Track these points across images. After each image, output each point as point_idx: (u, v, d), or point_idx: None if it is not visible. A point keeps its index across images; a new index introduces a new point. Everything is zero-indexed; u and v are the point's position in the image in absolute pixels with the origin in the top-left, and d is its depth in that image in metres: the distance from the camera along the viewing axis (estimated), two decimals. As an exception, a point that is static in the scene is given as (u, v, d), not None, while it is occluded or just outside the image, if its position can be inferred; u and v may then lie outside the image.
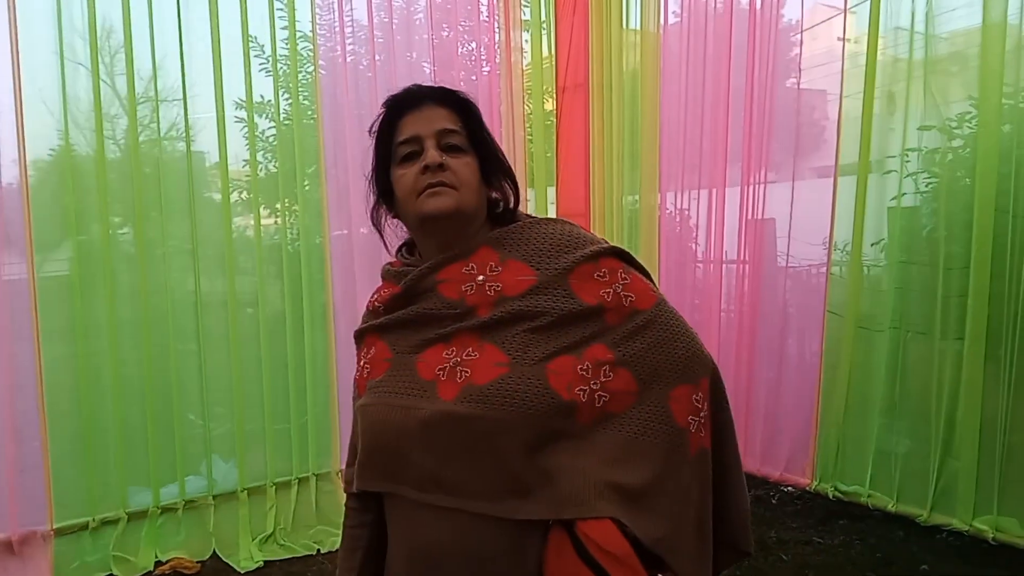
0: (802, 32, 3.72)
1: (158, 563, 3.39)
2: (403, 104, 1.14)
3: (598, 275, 1.11)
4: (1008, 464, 3.04)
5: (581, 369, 1.05)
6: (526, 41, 4.38)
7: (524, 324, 1.07)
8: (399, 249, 1.26)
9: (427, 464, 1.06)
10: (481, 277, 1.10)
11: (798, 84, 3.76)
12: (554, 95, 4.30)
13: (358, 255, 3.85)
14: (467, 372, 1.06)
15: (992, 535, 3.03)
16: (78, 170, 3.39)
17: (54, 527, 3.34)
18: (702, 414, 1.12)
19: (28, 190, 3.29)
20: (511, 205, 1.19)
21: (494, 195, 1.17)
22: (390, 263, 1.24)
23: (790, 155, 3.79)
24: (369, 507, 1.23)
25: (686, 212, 4.22)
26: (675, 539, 1.06)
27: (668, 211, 4.28)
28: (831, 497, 3.57)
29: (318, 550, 3.52)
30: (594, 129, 4.25)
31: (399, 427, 1.08)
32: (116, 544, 3.41)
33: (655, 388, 1.09)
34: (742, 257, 3.97)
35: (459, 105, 1.14)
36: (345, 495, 1.29)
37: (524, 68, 4.41)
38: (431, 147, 1.10)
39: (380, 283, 1.26)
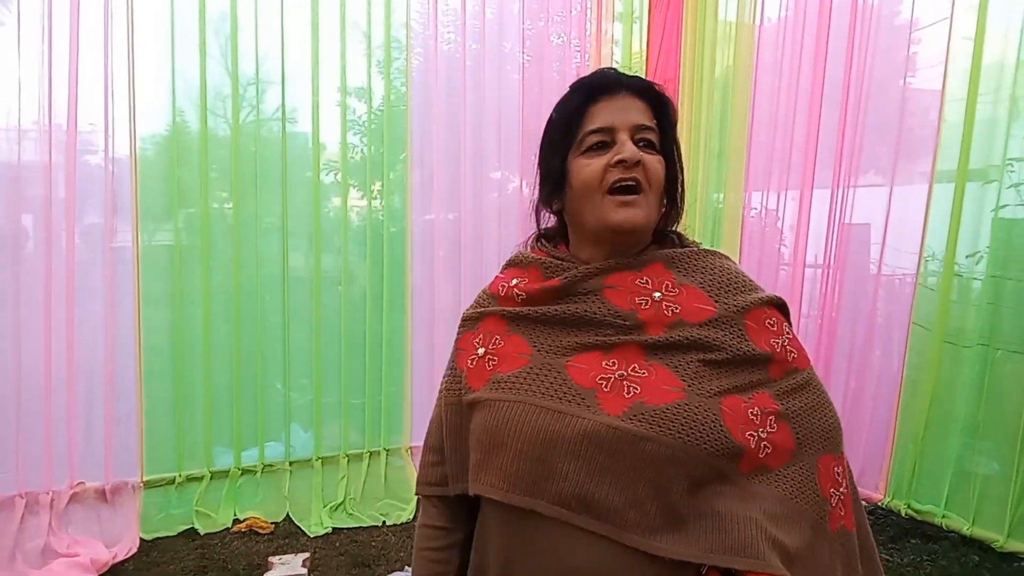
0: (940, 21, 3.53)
1: (236, 521, 3.59)
2: (597, 89, 1.04)
3: (768, 323, 1.06)
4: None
5: (751, 413, 0.98)
6: (616, 40, 4.36)
7: (698, 354, 1.00)
8: (538, 238, 1.17)
9: (576, 480, 0.95)
10: (658, 294, 1.03)
11: (915, 84, 3.61)
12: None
13: (439, 241, 3.95)
14: (636, 389, 0.97)
15: (1075, 568, 2.89)
16: (187, 146, 3.59)
17: (144, 479, 3.58)
18: (842, 490, 1.05)
19: (136, 164, 3.51)
20: (674, 222, 1.12)
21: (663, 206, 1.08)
22: (524, 250, 1.16)
23: (891, 158, 3.65)
24: (459, 525, 1.14)
25: (775, 213, 4.12)
26: None
27: (753, 211, 4.20)
28: (903, 515, 3.46)
29: (383, 522, 3.66)
30: (682, 125, 4.19)
31: (549, 434, 0.97)
32: (199, 500, 3.63)
33: (807, 451, 1.02)
34: (827, 262, 3.86)
35: (657, 101, 1.05)
36: (423, 513, 1.18)
37: (615, 61, 4.39)
38: (626, 140, 1.01)
39: (504, 271, 1.17)
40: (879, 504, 3.62)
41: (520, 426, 0.99)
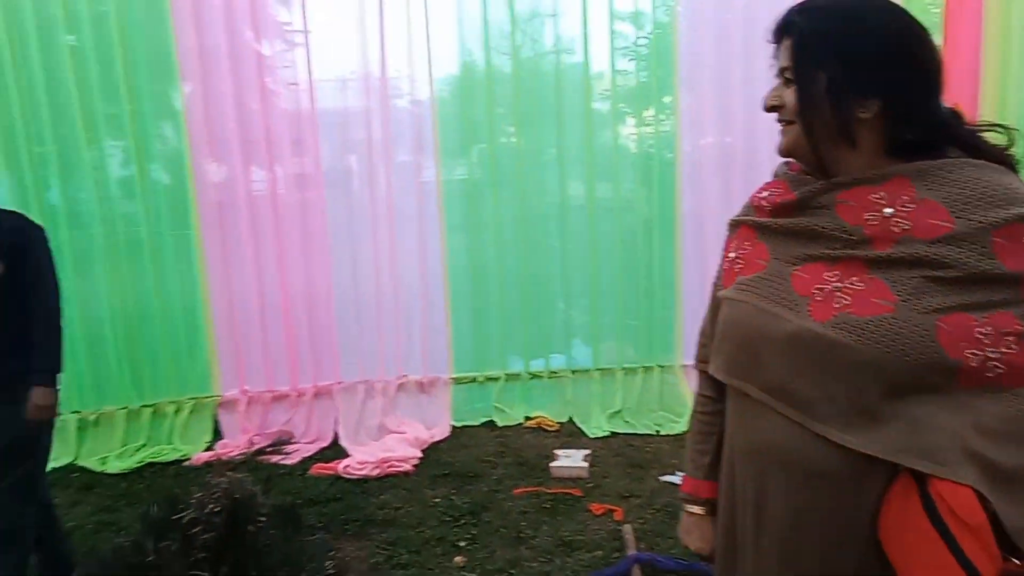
0: None
1: (527, 418, 4.15)
2: (773, 35, 1.15)
3: None
4: None
5: (979, 332, 0.97)
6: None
7: (924, 271, 1.00)
8: None
9: (779, 372, 1.07)
10: (889, 210, 1.04)
11: None
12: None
13: (710, 166, 3.97)
14: (846, 300, 1.03)
15: None
16: (475, 85, 3.97)
17: (453, 376, 4.25)
18: None
19: (435, 105, 3.94)
20: (895, 133, 1.08)
21: (861, 114, 1.06)
22: (788, 164, 1.22)
23: None
24: (722, 395, 1.26)
25: None
26: None
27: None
28: None
29: (657, 431, 3.97)
30: (987, 34, 3.64)
31: (761, 331, 1.09)
32: (497, 397, 4.23)
33: None
34: None
35: (792, 35, 1.10)
36: (698, 383, 1.36)
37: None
38: (776, 85, 1.12)
39: (768, 181, 1.25)
40: None
41: (742, 323, 1.14)
